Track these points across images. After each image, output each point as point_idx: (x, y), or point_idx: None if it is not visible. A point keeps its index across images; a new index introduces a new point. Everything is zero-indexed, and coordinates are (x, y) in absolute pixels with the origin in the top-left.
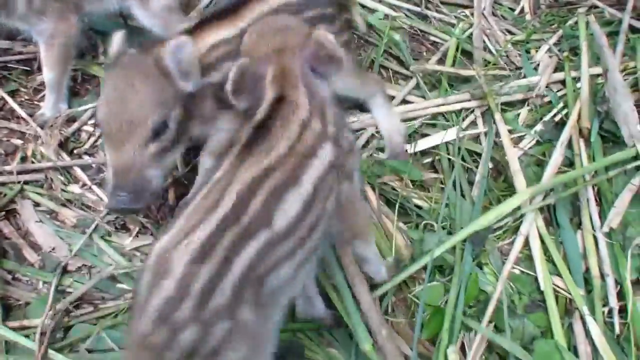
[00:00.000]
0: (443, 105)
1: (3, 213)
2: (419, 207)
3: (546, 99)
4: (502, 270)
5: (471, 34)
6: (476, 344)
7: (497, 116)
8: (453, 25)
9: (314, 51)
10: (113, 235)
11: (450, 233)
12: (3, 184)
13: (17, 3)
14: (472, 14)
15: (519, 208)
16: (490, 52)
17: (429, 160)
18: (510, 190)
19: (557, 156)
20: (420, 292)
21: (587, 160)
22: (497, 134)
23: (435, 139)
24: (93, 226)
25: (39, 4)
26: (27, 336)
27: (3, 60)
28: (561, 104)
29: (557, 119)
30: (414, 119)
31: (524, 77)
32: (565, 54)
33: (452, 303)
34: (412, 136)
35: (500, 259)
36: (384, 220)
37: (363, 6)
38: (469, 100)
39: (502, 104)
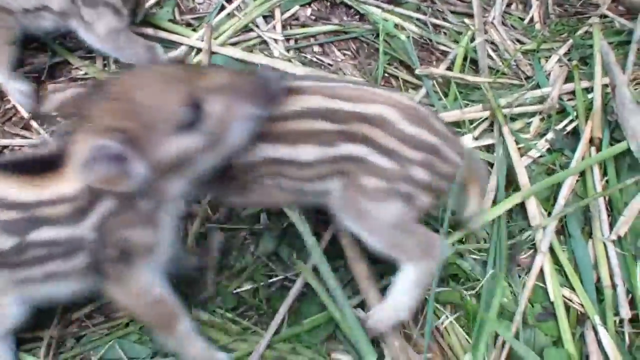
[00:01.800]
0: (460, 117)
1: None
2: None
3: (558, 107)
4: (519, 284)
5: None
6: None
7: (505, 129)
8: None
9: None
10: None
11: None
12: None
13: None
14: (482, 23)
15: (529, 225)
16: (500, 60)
17: None
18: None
19: (571, 176)
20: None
21: (598, 169)
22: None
23: None
24: None
25: None
26: (37, 343)
27: None
28: (575, 113)
29: (569, 128)
30: None
31: (538, 86)
32: (575, 63)
33: None
34: None
35: (515, 271)
36: None
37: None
38: (484, 111)
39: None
